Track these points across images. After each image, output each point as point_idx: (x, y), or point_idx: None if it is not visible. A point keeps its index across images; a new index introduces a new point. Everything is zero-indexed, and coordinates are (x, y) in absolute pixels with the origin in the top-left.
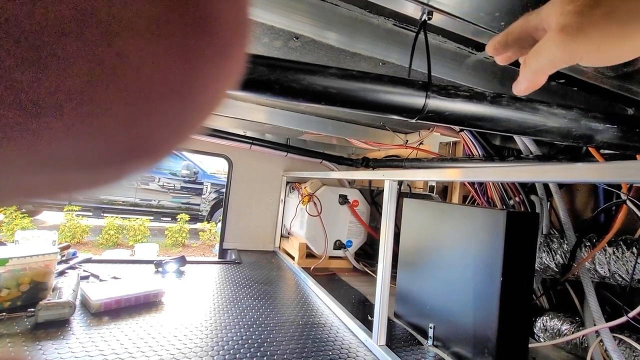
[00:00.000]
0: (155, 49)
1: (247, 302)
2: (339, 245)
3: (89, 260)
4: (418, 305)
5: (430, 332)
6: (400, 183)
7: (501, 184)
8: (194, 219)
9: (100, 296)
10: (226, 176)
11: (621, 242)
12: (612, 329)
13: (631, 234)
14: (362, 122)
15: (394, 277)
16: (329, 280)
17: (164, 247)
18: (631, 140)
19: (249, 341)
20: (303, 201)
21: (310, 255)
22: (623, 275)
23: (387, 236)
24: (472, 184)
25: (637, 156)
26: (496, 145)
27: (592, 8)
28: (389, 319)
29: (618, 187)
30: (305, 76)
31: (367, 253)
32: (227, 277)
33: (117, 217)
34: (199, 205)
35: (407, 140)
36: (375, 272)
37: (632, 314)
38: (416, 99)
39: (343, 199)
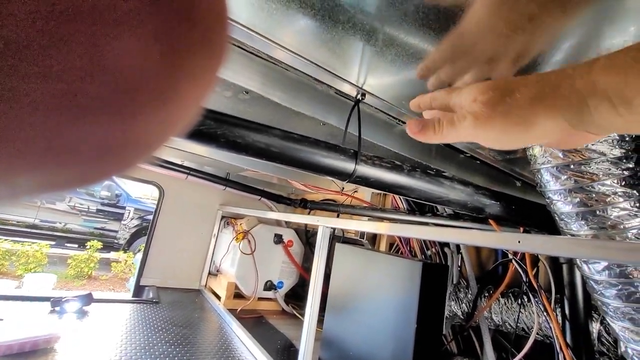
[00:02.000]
0: (136, 40)
1: (160, 348)
2: (269, 286)
3: None
4: (342, 350)
5: None
6: (334, 229)
7: None
8: (108, 247)
9: None
10: (155, 204)
11: (510, 294)
12: None
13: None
14: None
15: (321, 320)
16: (255, 323)
17: (64, 278)
18: (510, 214)
19: None
20: (237, 238)
21: (238, 295)
22: (511, 324)
23: (316, 283)
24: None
25: (520, 227)
26: (418, 201)
27: (496, 104)
28: None
29: None
30: (250, 133)
31: (298, 294)
32: (140, 319)
33: (6, 239)
34: (116, 232)
35: (343, 188)
36: (304, 314)
37: (516, 359)
38: (347, 165)
39: (278, 239)
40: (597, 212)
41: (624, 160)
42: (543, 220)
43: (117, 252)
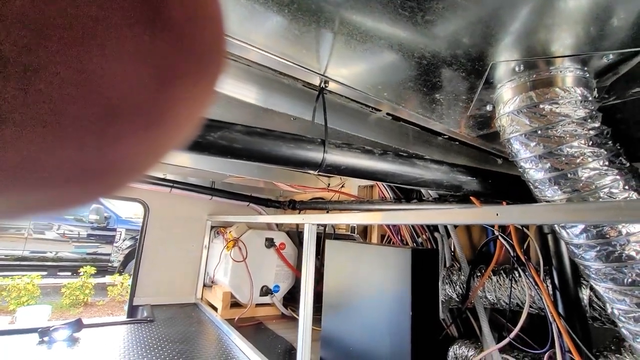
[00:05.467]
0: (127, 67)
1: None
2: (265, 291)
3: None
4: (342, 347)
5: None
6: (324, 226)
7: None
8: (102, 271)
9: None
10: (141, 223)
11: (502, 272)
12: (503, 349)
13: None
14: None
15: (320, 320)
16: (254, 330)
17: (60, 308)
18: (487, 189)
19: None
20: (227, 246)
21: (235, 304)
22: (505, 300)
23: (307, 282)
24: (387, 224)
25: (503, 202)
26: (404, 189)
27: None
28: None
29: (492, 224)
30: (211, 131)
31: (295, 297)
32: (135, 339)
33: None
34: (109, 255)
35: (329, 184)
36: None
37: (512, 334)
38: (316, 154)
39: (269, 243)
40: (568, 175)
41: (589, 120)
42: (523, 193)
43: (113, 275)
